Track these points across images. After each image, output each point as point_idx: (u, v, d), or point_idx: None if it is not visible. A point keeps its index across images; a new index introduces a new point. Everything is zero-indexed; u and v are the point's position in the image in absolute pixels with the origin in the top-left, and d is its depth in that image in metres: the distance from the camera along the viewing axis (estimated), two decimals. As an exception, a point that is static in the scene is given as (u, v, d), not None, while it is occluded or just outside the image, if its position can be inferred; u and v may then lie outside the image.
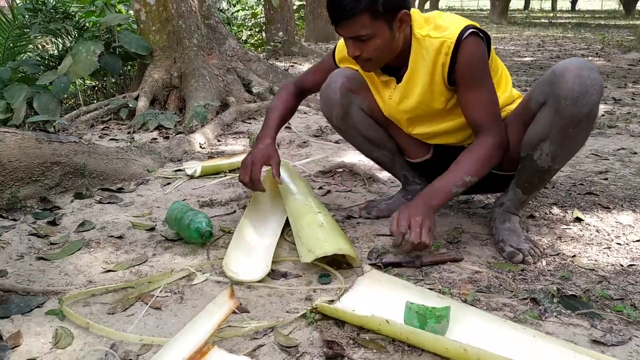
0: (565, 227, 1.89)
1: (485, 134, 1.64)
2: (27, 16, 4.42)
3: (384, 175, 2.51)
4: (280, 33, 8.46)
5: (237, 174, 2.61)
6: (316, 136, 3.46)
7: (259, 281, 1.54)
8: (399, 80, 1.73)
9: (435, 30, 1.60)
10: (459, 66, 1.58)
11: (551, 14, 23.83)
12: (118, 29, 4.30)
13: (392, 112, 1.82)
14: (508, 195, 1.78)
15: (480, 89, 1.61)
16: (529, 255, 1.64)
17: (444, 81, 1.63)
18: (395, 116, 1.82)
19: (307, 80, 2.01)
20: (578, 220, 1.94)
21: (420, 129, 1.81)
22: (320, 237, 1.63)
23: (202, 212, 1.82)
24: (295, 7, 10.31)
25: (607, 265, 1.61)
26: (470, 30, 1.57)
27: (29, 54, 4.77)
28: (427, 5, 25.78)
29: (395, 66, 1.71)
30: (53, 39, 4.92)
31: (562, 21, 17.98)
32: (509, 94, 1.76)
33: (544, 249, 1.71)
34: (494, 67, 1.68)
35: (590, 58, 7.38)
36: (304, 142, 3.29)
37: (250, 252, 1.71)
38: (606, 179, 2.42)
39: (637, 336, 1.27)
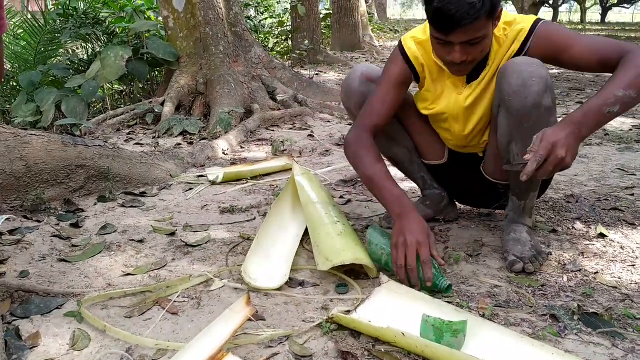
0: (588, 242, 1.86)
1: (623, 57, 1.43)
2: (58, 21, 4.52)
3: (405, 186, 2.50)
4: (306, 41, 8.50)
5: (259, 181, 2.64)
6: (338, 145, 3.46)
7: (277, 289, 1.55)
8: (469, 80, 1.66)
9: (507, 25, 1.59)
10: (537, 41, 1.54)
11: (580, 26, 23.54)
12: (146, 35, 4.36)
13: (456, 110, 1.70)
14: (509, 205, 1.81)
15: (579, 39, 1.52)
16: (530, 263, 1.63)
17: None
18: (456, 112, 1.71)
19: (379, 118, 1.74)
20: (602, 236, 1.90)
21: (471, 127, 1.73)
22: (338, 246, 1.62)
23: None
24: (321, 16, 10.35)
25: (631, 284, 1.57)
26: (543, 21, 1.57)
27: (59, 58, 4.87)
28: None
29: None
30: (83, 44, 5.02)
31: (592, 33, 17.75)
32: None
33: (547, 254, 1.72)
34: None
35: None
36: (326, 151, 3.29)
37: (269, 259, 1.71)
38: (632, 194, 2.37)
39: (660, 357, 1.24)
